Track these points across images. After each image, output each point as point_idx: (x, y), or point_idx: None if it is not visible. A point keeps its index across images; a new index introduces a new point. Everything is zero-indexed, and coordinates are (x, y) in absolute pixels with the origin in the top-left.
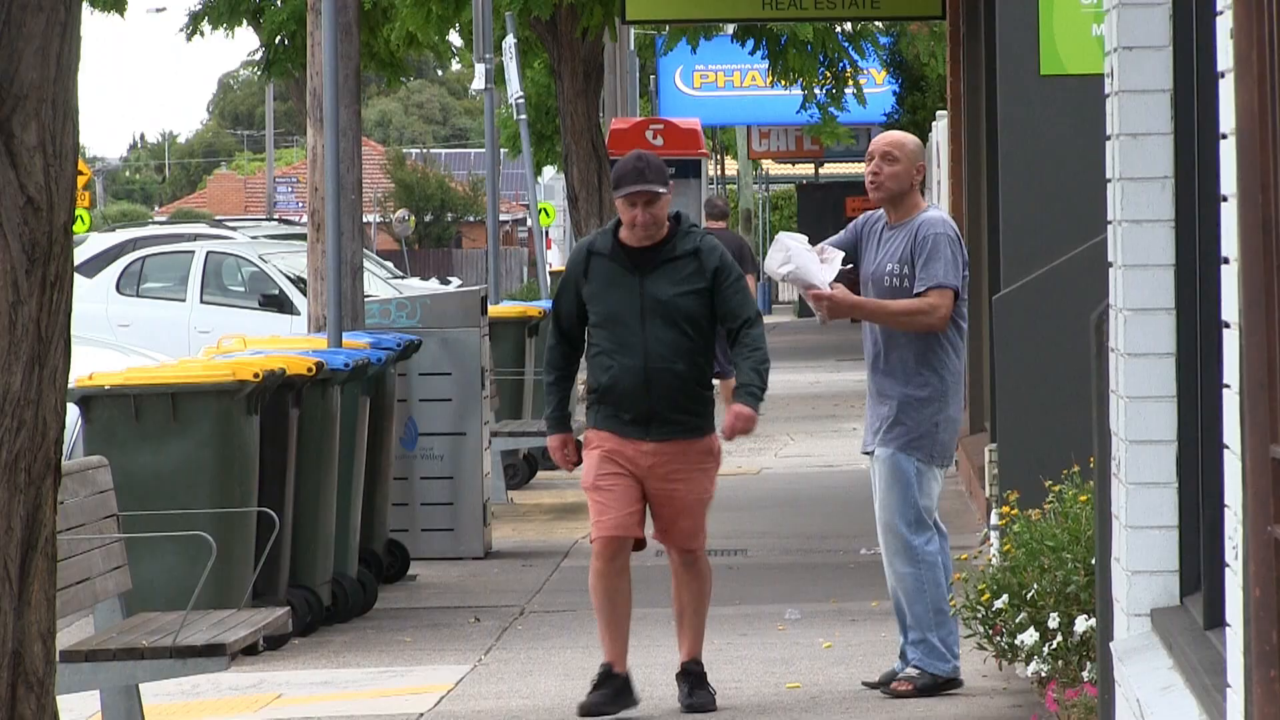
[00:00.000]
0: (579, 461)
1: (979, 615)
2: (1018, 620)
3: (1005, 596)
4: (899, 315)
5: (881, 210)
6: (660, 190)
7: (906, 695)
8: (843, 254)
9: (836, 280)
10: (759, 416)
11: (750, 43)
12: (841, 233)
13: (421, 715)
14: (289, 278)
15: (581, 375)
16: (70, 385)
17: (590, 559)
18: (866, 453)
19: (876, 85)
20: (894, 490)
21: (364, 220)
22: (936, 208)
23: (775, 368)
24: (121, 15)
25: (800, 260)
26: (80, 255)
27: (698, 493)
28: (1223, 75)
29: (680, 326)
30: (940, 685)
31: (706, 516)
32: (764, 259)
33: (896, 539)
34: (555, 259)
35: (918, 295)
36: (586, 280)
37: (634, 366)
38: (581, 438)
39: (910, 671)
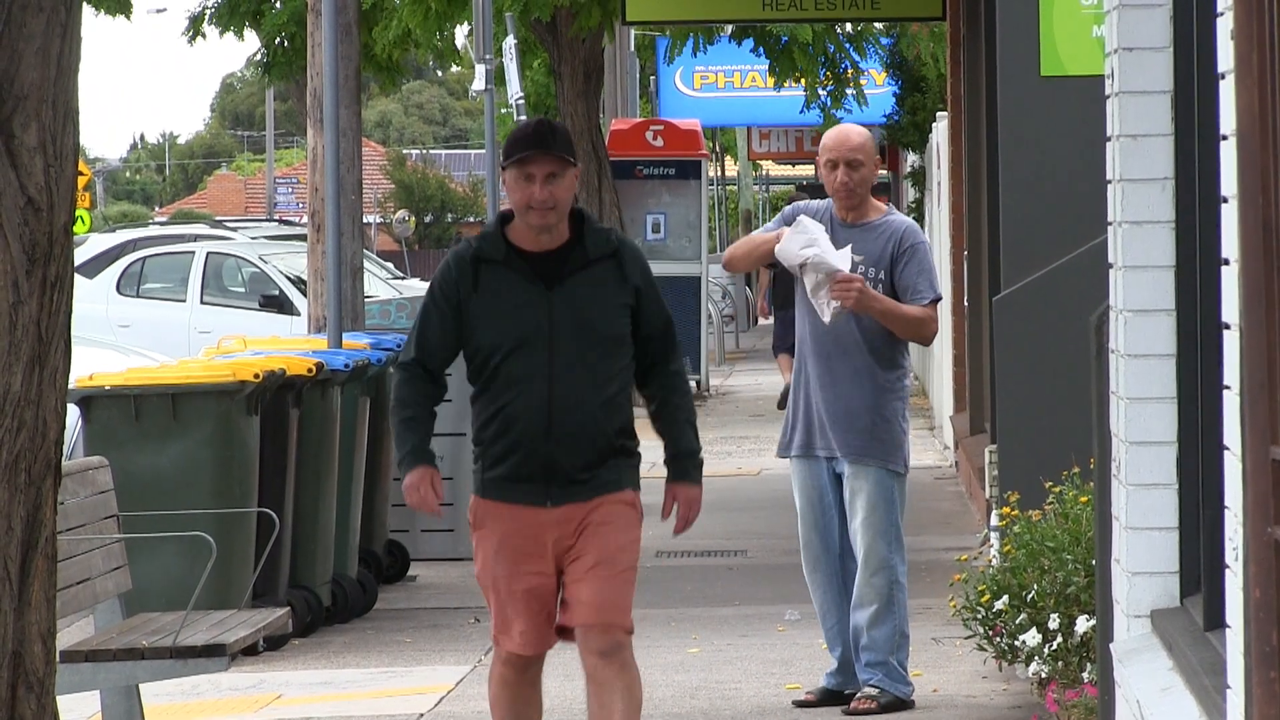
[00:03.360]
0: (441, 499)
1: (979, 616)
2: (1018, 621)
3: (1005, 598)
4: (911, 320)
5: (817, 202)
6: (569, 160)
7: (869, 713)
8: (850, 245)
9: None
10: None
11: (751, 43)
12: (773, 222)
13: (422, 716)
14: (289, 278)
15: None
16: (71, 385)
17: (492, 660)
18: (794, 457)
19: (877, 86)
20: (879, 509)
21: (364, 221)
22: (895, 209)
23: (771, 368)
24: (128, 18)
25: (824, 245)
26: (80, 256)
27: (615, 545)
28: (1223, 77)
29: (599, 353)
30: (902, 705)
31: (631, 594)
32: None
33: (878, 559)
34: None
35: (924, 306)
36: (476, 294)
37: (535, 405)
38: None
39: (870, 691)
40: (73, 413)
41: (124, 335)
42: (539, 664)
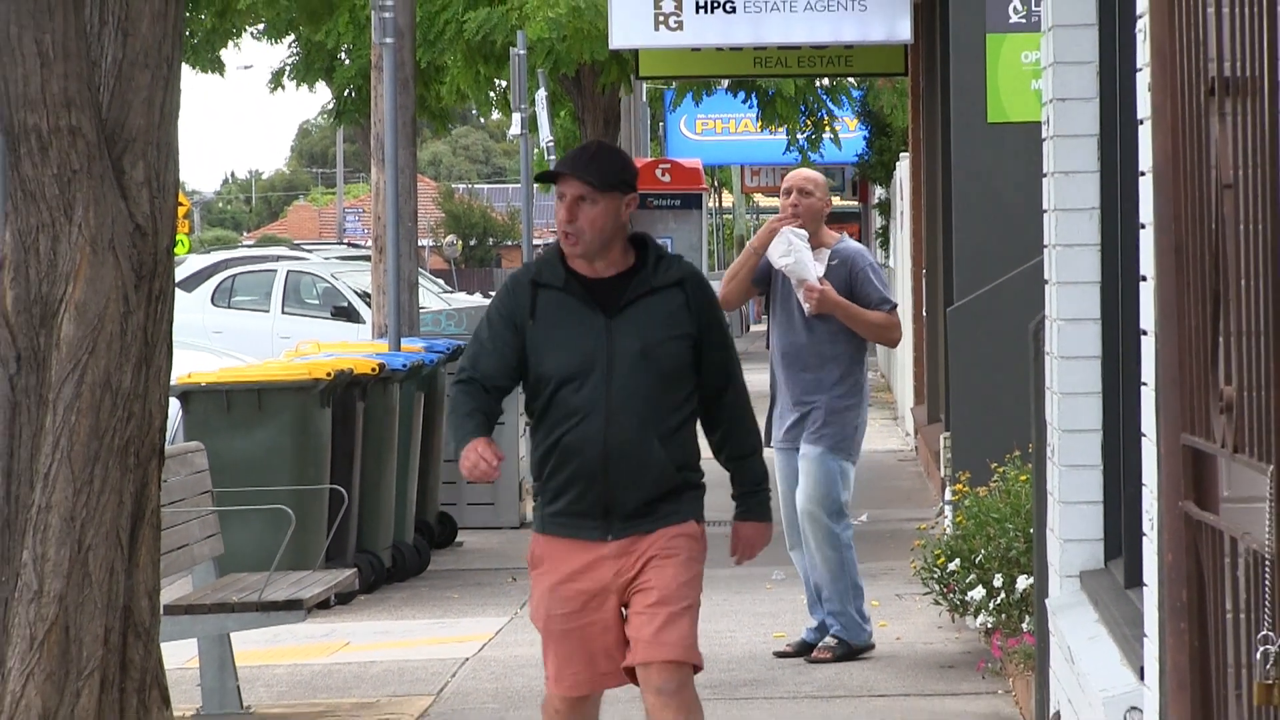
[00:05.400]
0: (503, 458)
1: (935, 576)
2: (968, 580)
3: (957, 560)
4: (872, 324)
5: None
6: (601, 185)
7: (825, 662)
8: (827, 252)
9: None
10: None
11: (743, 95)
12: (742, 253)
13: (467, 659)
14: (356, 292)
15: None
16: (172, 382)
17: (546, 695)
18: (780, 448)
19: (849, 131)
20: (821, 486)
21: (418, 244)
22: (849, 237)
23: (759, 367)
24: (221, 75)
25: (800, 255)
26: (180, 273)
27: (677, 581)
28: (1141, 123)
29: (659, 385)
30: (856, 652)
31: (695, 629)
32: None
33: (821, 528)
34: None
35: (885, 313)
36: (533, 321)
37: (591, 437)
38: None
39: (830, 641)
40: (174, 405)
41: (217, 340)
42: (595, 706)
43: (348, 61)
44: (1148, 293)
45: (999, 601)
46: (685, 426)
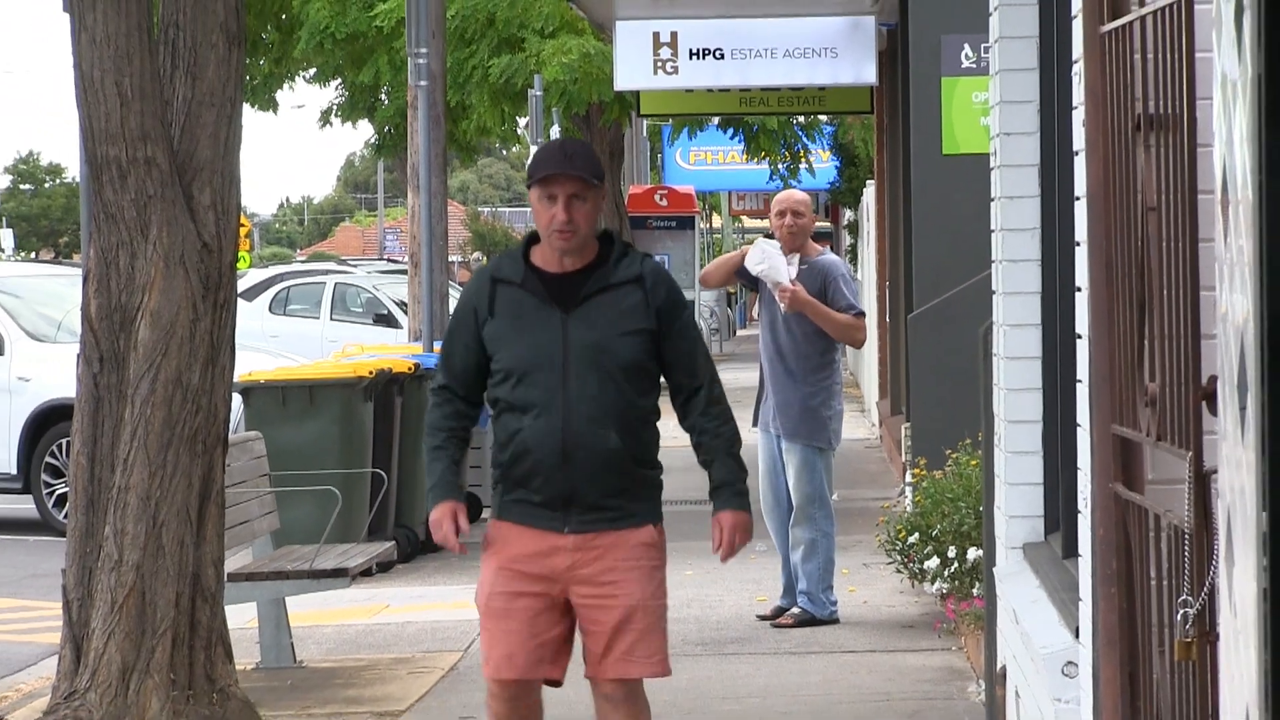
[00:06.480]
0: (468, 531)
1: (897, 548)
2: (925, 551)
3: (916, 534)
4: (839, 324)
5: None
6: (592, 182)
7: (788, 627)
8: (798, 257)
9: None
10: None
11: (730, 130)
12: (737, 251)
13: None
14: (395, 302)
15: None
16: (234, 380)
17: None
18: (763, 431)
19: (822, 162)
20: (804, 475)
21: (448, 260)
22: (828, 252)
23: (746, 366)
24: (275, 113)
25: (773, 261)
26: (242, 285)
27: (640, 597)
28: (1077, 154)
29: (616, 380)
30: (819, 623)
31: (665, 636)
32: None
33: (801, 512)
34: None
35: (852, 316)
36: (492, 316)
37: (549, 430)
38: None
39: (795, 610)
40: (236, 400)
41: (274, 343)
42: (533, 695)
43: (387, 102)
44: (1082, 302)
45: (953, 570)
46: (644, 421)
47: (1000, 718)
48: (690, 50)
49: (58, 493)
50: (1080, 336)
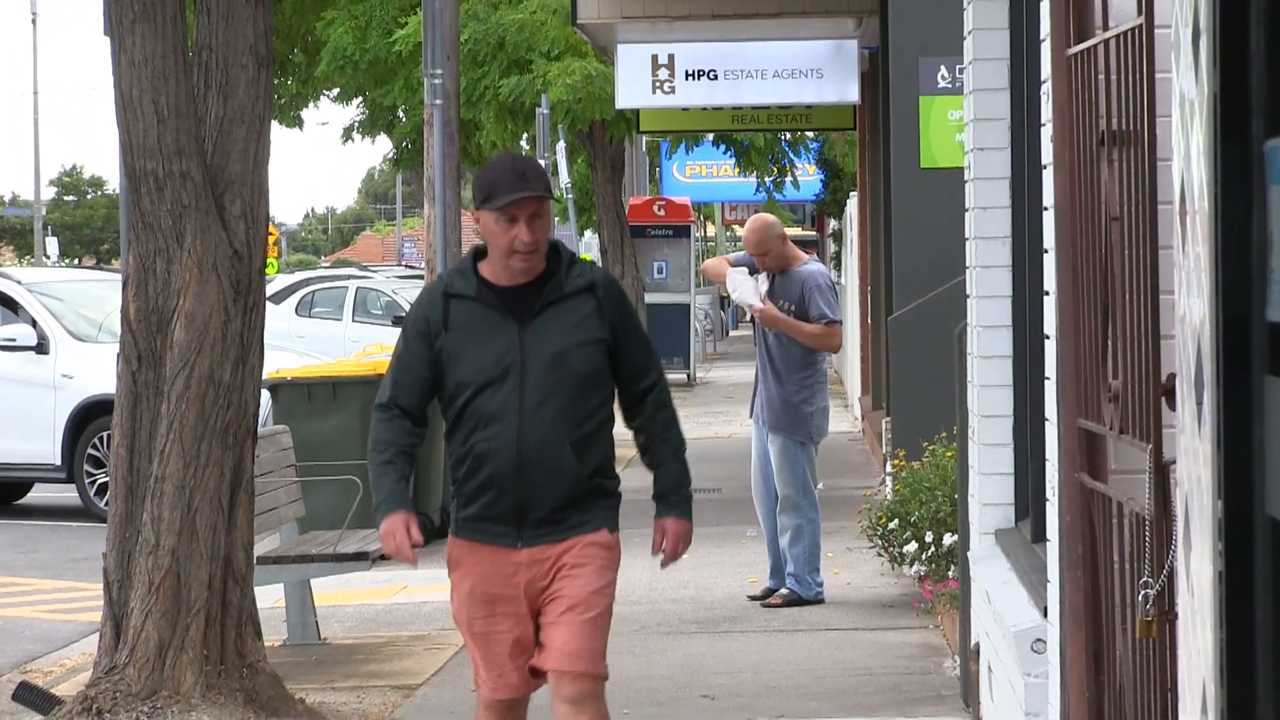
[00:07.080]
0: (422, 543)
1: (878, 533)
2: (904, 537)
3: (896, 520)
4: (810, 334)
5: (749, 256)
6: (548, 197)
7: (777, 607)
8: (765, 276)
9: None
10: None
11: (723, 145)
12: (734, 256)
13: None
14: None
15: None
16: (263, 377)
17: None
18: (756, 422)
19: (809, 175)
20: (785, 466)
21: None
22: (814, 260)
23: (740, 365)
24: (301, 129)
25: (742, 289)
26: (270, 289)
27: (589, 589)
28: (1045, 167)
29: (573, 390)
30: (805, 603)
31: (605, 638)
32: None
33: (787, 500)
34: None
35: (826, 325)
36: (446, 330)
37: (505, 442)
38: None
39: (784, 591)
40: (265, 396)
41: (300, 343)
42: (521, 707)
43: (405, 119)
44: (1050, 305)
45: (930, 554)
46: (599, 433)
47: (974, 691)
48: (686, 71)
49: (99, 482)
50: (1048, 337)
